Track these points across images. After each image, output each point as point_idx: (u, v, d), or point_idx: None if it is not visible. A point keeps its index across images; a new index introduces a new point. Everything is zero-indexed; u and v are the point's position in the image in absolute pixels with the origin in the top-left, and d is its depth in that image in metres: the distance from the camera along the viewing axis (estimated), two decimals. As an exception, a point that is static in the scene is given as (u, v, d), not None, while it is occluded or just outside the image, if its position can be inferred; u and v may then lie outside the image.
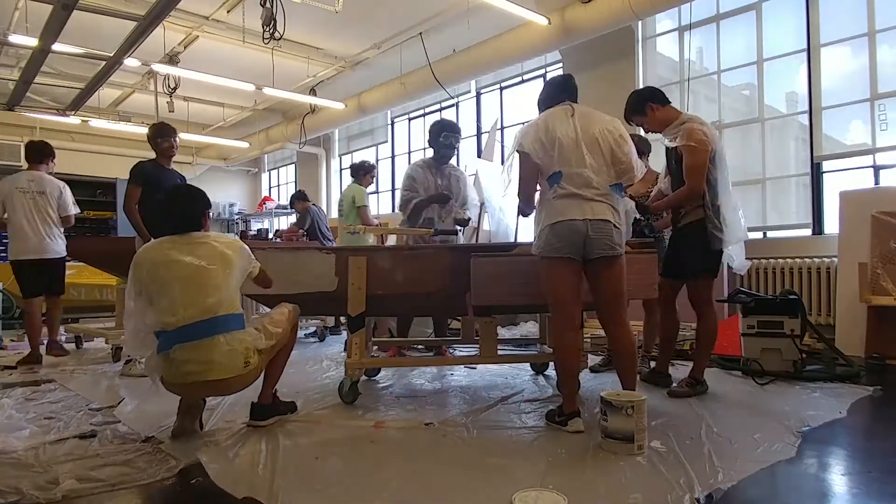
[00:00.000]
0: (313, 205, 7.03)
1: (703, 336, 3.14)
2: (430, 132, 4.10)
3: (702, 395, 3.05)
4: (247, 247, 2.54)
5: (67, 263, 4.81)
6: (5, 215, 4.51)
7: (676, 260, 3.18)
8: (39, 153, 4.68)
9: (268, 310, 2.81)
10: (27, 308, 4.58)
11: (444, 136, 4.03)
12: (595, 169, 2.51)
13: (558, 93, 2.85)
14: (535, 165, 2.59)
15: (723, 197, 3.03)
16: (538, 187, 2.66)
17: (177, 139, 4.50)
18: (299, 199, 7.10)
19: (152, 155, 4.52)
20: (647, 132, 3.41)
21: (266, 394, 2.63)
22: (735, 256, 3.13)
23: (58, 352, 4.69)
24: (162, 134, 4.45)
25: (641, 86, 6.37)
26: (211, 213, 2.63)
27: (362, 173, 5.63)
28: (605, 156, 2.55)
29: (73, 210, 4.71)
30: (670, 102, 3.22)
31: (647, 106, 3.19)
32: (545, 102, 2.90)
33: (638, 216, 3.52)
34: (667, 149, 3.27)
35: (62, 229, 4.66)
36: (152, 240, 2.59)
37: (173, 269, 2.30)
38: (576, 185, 2.50)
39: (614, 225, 2.52)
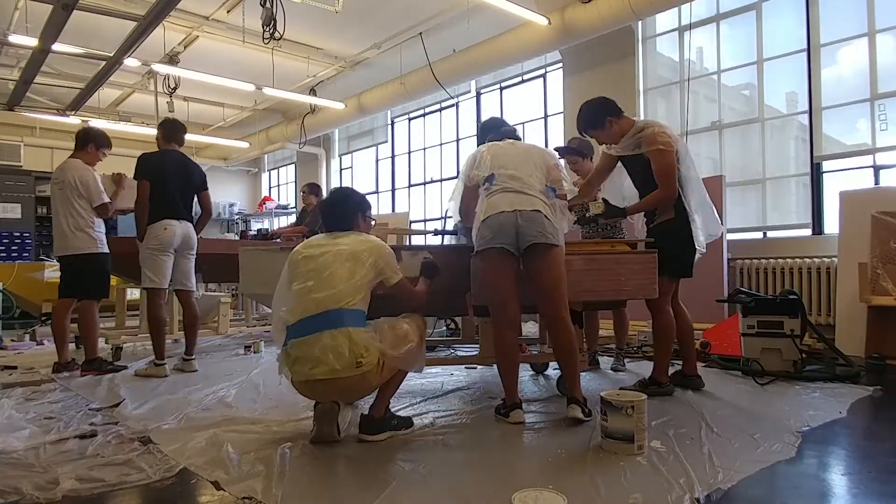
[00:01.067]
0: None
1: (656, 335, 3.17)
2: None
3: (702, 395, 3.05)
4: (391, 252, 2.46)
5: None
6: None
7: None
8: (79, 139, 4.23)
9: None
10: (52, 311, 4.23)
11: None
12: (527, 172, 2.62)
13: (497, 129, 2.99)
14: (475, 188, 2.72)
15: (693, 195, 3.06)
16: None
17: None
18: (312, 192, 6.30)
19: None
20: (601, 144, 3.34)
21: (379, 406, 2.43)
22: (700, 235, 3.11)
23: (89, 371, 3.92)
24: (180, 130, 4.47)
25: (642, 86, 6.38)
26: (368, 213, 2.64)
27: None
28: (539, 167, 2.67)
29: (102, 199, 4.07)
30: (623, 112, 3.24)
31: (607, 120, 3.17)
32: (484, 137, 3.02)
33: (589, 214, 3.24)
34: (623, 158, 3.21)
35: (94, 221, 4.06)
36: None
37: (303, 265, 2.38)
38: (507, 182, 2.60)
39: (545, 216, 2.54)
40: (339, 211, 2.55)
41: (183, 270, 4.08)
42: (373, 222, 2.72)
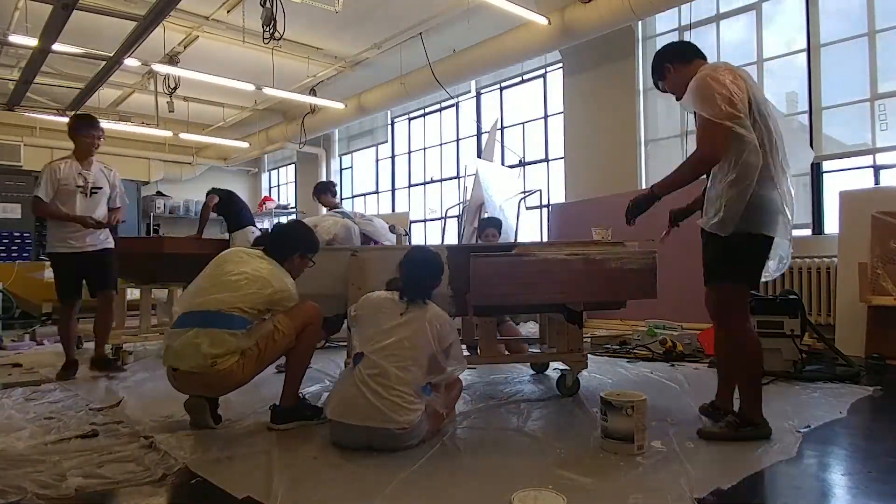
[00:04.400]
0: (337, 210, 5.41)
1: (735, 360, 2.44)
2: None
3: (702, 395, 3.04)
4: (294, 298, 2.57)
5: None
6: None
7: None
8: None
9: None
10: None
11: None
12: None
13: None
14: None
15: (783, 176, 2.34)
16: None
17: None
18: (325, 192, 6.00)
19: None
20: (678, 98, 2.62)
21: (286, 395, 2.56)
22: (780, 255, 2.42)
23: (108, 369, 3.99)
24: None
25: (642, 86, 6.39)
26: (308, 256, 2.74)
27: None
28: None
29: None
30: (701, 57, 2.53)
31: (665, 67, 2.60)
32: None
33: None
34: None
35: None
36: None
37: (216, 266, 2.57)
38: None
39: None
40: (281, 239, 2.72)
41: None
42: (310, 264, 2.76)
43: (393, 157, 10.09)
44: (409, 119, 9.76)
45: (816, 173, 5.22)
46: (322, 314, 2.68)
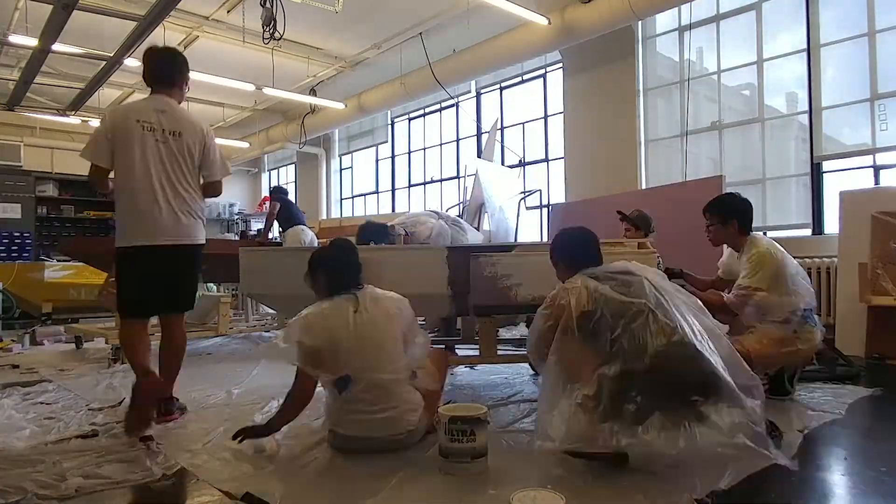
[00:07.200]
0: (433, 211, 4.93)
1: None
2: None
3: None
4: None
5: (66, 264, 4.27)
6: (111, 173, 2.69)
7: None
8: (170, 72, 2.98)
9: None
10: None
11: None
12: None
13: None
14: None
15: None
16: None
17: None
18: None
19: None
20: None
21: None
22: None
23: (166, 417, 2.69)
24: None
25: (642, 86, 6.40)
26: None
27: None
28: None
29: (221, 174, 2.89)
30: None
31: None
32: None
33: None
34: None
35: (202, 202, 2.86)
36: None
37: None
38: None
39: None
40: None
41: None
42: None
43: (393, 157, 10.09)
44: (409, 119, 9.76)
45: (816, 173, 5.22)
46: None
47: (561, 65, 7.16)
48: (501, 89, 8.23)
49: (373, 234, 3.87)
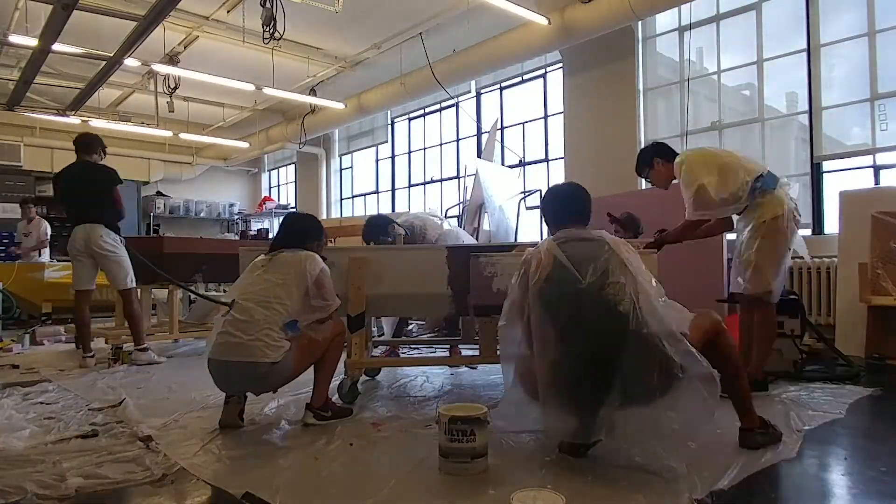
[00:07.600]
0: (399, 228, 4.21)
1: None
2: None
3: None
4: None
5: (66, 264, 4.74)
6: None
7: None
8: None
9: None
10: None
11: None
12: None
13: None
14: None
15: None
16: None
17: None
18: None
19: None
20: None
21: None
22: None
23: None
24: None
25: (642, 86, 6.40)
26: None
27: None
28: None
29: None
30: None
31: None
32: None
33: None
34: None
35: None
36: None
37: None
38: None
39: None
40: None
41: (105, 271, 4.29)
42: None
43: (393, 157, 10.09)
44: (409, 119, 9.76)
45: (816, 173, 5.22)
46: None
47: (561, 65, 7.15)
48: (501, 89, 8.23)
49: (374, 231, 3.88)
